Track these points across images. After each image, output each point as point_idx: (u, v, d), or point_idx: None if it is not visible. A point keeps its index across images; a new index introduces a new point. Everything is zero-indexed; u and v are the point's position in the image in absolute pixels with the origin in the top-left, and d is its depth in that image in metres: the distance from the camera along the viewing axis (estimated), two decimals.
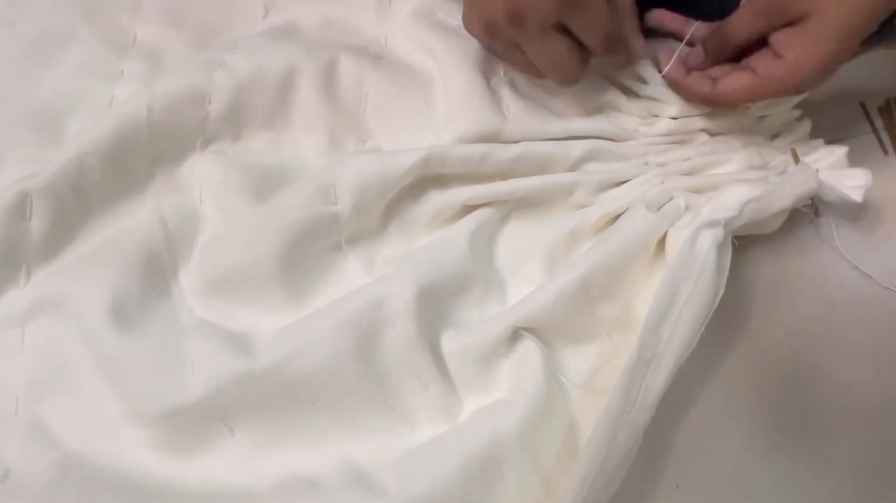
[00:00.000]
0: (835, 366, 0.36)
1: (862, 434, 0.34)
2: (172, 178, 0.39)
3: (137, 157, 0.38)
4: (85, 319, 0.33)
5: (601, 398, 0.31)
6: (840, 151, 0.40)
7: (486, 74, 0.39)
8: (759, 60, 0.36)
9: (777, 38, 0.35)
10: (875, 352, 0.37)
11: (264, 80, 0.39)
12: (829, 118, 0.43)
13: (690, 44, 0.40)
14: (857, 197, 0.38)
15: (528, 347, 0.33)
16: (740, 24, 0.36)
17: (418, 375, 0.33)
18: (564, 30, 0.34)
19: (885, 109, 0.44)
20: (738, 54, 0.38)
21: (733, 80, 0.36)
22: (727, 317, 0.36)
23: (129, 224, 0.37)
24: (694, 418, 0.35)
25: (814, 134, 0.42)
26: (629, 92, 0.40)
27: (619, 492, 0.31)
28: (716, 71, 0.38)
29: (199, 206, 0.38)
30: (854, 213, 0.41)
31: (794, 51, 0.34)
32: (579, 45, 0.35)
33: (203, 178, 0.38)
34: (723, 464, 0.34)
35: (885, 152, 0.43)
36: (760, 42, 0.36)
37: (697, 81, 0.37)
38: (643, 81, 0.40)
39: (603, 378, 0.34)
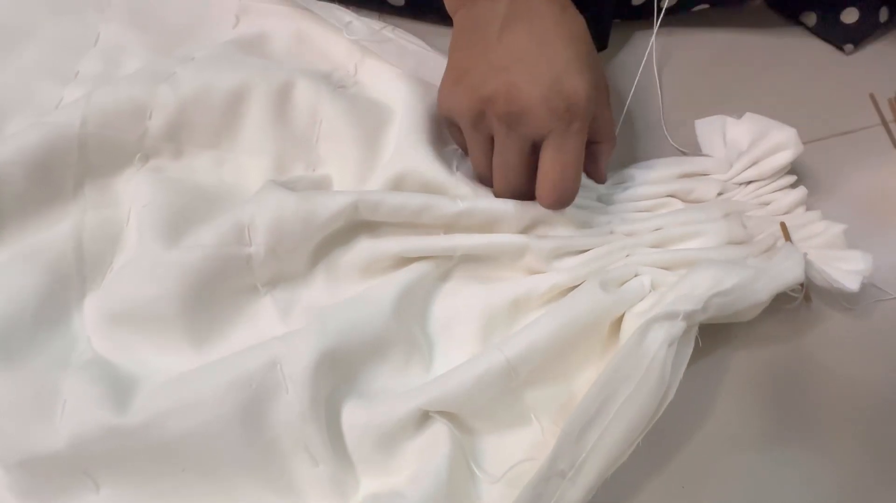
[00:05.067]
0: (839, 363, 0.34)
1: (867, 431, 0.33)
2: (105, 193, 0.37)
3: (66, 170, 0.35)
4: None
5: None
6: (837, 229, 0.34)
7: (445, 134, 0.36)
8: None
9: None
10: (879, 348, 0.35)
11: (211, 97, 0.36)
12: (838, 111, 0.42)
13: None
14: (852, 285, 0.33)
15: (437, 432, 0.29)
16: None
17: (308, 449, 0.29)
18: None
19: (895, 101, 0.42)
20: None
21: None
22: None
23: (44, 239, 0.34)
24: (699, 418, 0.33)
25: (823, 127, 0.38)
26: None
27: (625, 493, 0.31)
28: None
29: (125, 227, 0.36)
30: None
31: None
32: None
33: (133, 198, 0.36)
34: (728, 464, 0.32)
35: (895, 145, 0.40)
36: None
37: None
38: None
39: (529, 471, 0.30)
